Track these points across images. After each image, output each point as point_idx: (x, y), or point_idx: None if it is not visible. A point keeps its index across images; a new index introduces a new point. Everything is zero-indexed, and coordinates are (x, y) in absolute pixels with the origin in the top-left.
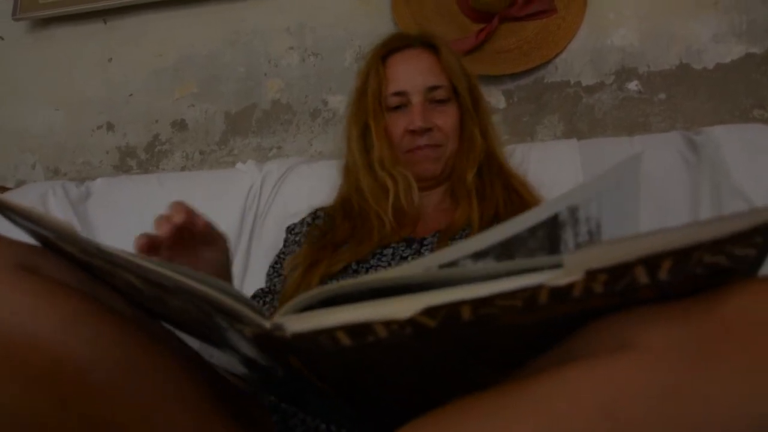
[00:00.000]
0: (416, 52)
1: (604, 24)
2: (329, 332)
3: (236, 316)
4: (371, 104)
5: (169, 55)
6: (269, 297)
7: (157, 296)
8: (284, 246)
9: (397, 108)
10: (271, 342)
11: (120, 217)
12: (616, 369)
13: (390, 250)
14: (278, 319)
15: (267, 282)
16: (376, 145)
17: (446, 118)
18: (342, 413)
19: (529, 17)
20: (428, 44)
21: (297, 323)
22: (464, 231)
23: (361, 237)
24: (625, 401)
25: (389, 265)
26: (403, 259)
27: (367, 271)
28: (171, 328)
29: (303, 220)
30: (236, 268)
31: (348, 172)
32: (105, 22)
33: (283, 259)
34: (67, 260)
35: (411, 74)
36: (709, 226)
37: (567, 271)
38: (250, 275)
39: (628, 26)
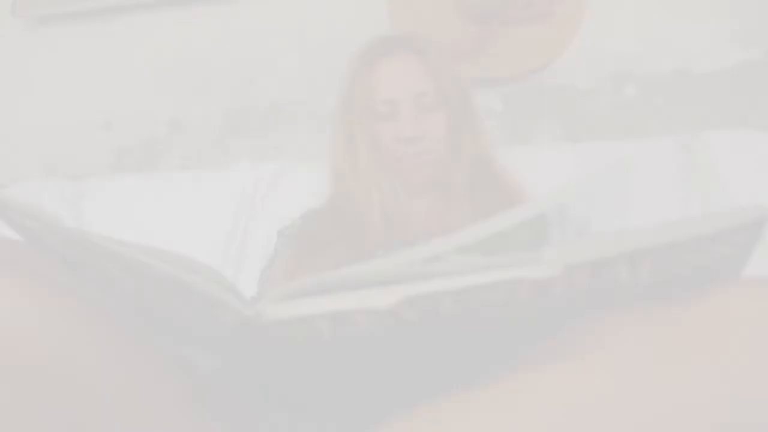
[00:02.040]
0: (402, 58)
1: (601, 28)
2: (309, 320)
3: (217, 303)
4: (358, 112)
5: (168, 55)
6: None
7: (138, 290)
8: (275, 250)
9: (385, 115)
10: (249, 332)
11: (113, 216)
12: (585, 369)
13: (381, 251)
14: (260, 307)
15: (258, 289)
16: (361, 154)
17: (435, 124)
18: (324, 412)
19: (527, 20)
20: (413, 48)
21: (278, 311)
22: None
23: (352, 240)
24: (592, 400)
25: None
26: None
27: None
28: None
29: (294, 223)
30: (228, 272)
31: (336, 176)
32: (104, 21)
33: (274, 263)
34: (50, 256)
35: (398, 81)
36: (690, 225)
37: (547, 265)
38: (243, 279)
39: (626, 31)
